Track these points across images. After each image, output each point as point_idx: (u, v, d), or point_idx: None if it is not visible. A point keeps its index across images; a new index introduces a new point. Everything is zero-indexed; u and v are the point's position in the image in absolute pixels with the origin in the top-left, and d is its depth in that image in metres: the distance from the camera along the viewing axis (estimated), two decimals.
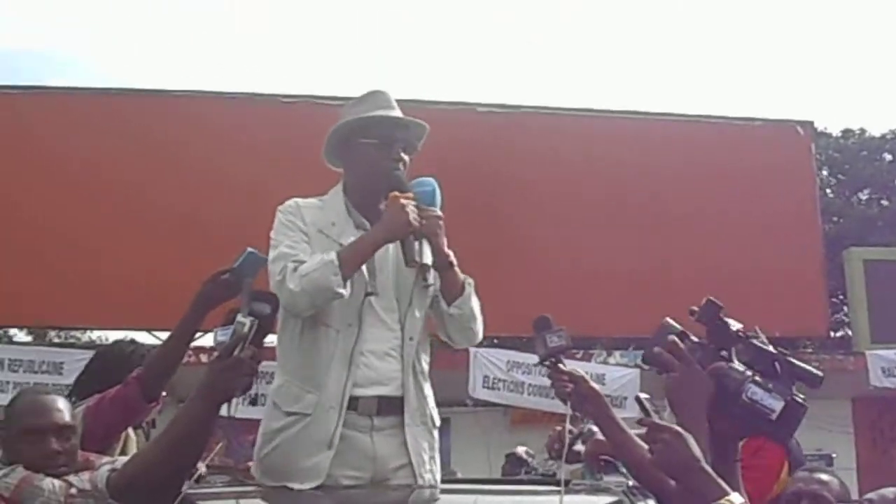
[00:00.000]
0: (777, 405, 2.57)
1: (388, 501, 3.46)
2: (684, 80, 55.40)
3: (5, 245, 13.84)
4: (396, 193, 3.49)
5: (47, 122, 14.61)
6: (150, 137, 14.63)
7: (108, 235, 14.18)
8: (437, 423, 3.59)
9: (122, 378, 4.01)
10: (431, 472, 3.50)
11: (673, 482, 2.62)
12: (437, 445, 3.58)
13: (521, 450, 12.23)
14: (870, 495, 3.48)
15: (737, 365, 2.68)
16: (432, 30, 61.67)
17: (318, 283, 3.33)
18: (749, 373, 2.65)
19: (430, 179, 3.64)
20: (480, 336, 3.70)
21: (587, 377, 3.25)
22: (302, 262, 3.40)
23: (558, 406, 3.56)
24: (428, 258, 3.46)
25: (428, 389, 3.56)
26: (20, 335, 22.93)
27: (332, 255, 3.36)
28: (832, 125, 35.67)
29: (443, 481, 3.61)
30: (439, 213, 3.55)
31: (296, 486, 3.32)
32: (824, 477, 3.30)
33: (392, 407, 3.44)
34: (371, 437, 3.41)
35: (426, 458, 3.48)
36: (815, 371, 2.69)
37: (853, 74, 56.31)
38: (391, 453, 3.42)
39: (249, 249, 3.45)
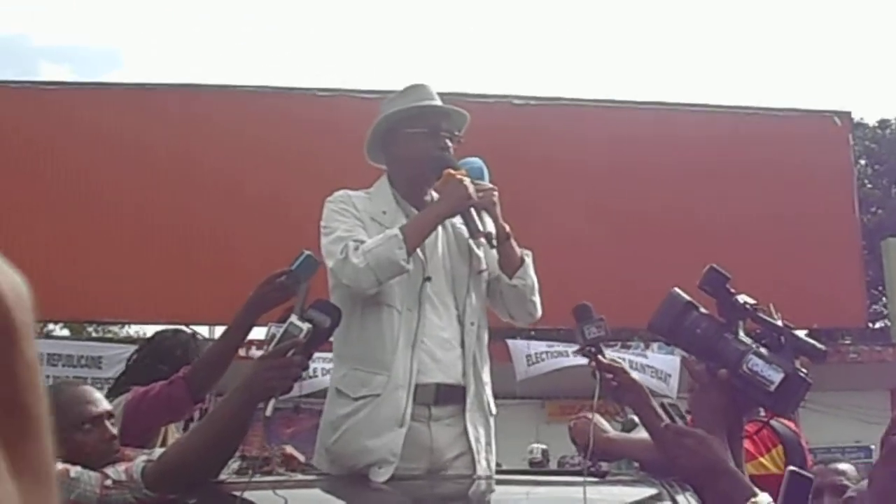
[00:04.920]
0: (776, 377, 2.61)
1: (443, 492, 3.44)
2: (723, 72, 55.16)
3: (43, 239, 13.86)
4: (451, 171, 3.52)
5: (87, 114, 14.69)
6: (177, 130, 14.79)
7: (144, 230, 14.27)
8: (494, 411, 3.57)
9: (164, 371, 4.01)
10: (488, 460, 3.48)
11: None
12: (493, 433, 3.55)
13: (536, 449, 12.31)
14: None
15: (742, 337, 2.70)
16: (465, 26, 61.65)
17: (383, 257, 3.31)
18: (753, 345, 2.67)
19: (476, 158, 3.69)
20: (539, 312, 3.73)
21: (627, 367, 3.21)
22: (362, 242, 3.39)
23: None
24: (491, 227, 3.54)
25: (486, 376, 3.55)
26: (58, 330, 23.08)
27: (396, 230, 3.38)
28: (868, 116, 35.38)
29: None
30: (492, 185, 3.63)
31: (363, 469, 3.29)
32: (841, 467, 3.33)
33: (451, 396, 3.43)
34: (429, 427, 3.39)
35: (483, 444, 3.46)
36: (817, 345, 2.72)
37: (890, 64, 55.92)
38: (449, 443, 3.40)
39: (306, 252, 3.38)
